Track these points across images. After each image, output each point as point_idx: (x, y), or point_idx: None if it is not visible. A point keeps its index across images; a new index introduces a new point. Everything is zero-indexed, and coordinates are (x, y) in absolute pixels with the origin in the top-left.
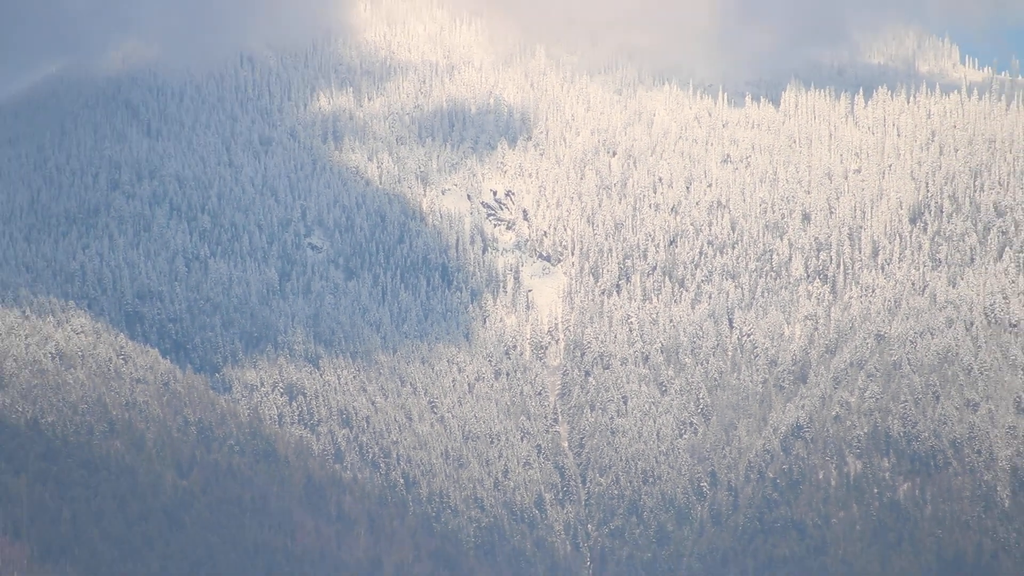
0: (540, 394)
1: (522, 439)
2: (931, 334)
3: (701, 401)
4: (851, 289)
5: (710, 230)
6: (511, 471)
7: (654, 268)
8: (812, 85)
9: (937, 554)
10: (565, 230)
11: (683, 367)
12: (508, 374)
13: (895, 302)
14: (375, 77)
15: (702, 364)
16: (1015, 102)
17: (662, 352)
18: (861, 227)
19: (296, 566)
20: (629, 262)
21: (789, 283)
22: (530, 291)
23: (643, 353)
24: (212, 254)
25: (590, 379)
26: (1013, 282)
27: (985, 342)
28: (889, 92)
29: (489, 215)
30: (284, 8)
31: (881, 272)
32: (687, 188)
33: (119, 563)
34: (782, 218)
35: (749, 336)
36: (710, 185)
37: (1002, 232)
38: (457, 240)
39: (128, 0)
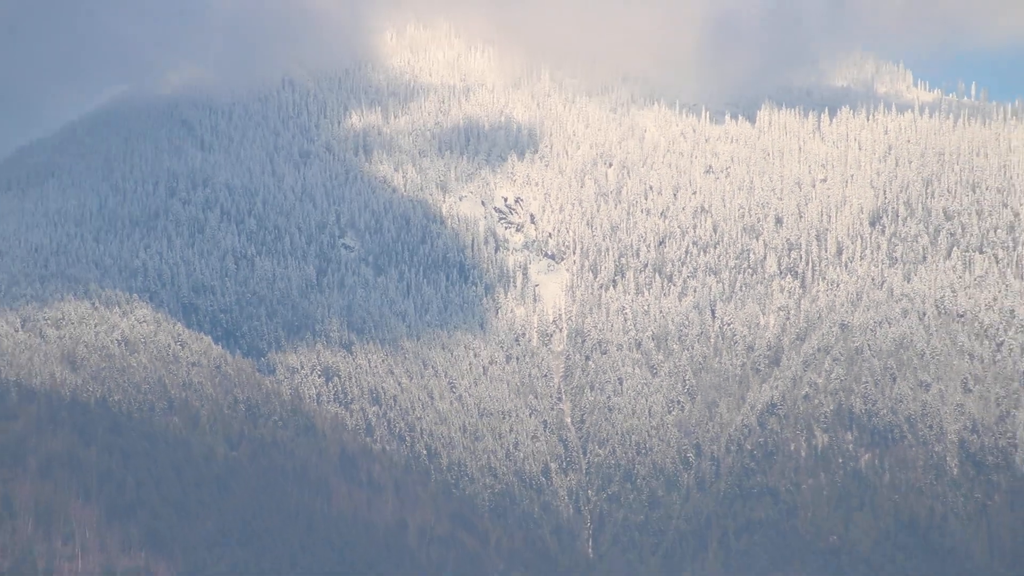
0: (546, 376)
1: (530, 415)
2: (888, 323)
3: (687, 382)
4: (818, 284)
5: (694, 232)
6: (521, 443)
7: (646, 265)
8: (783, 105)
9: (894, 516)
10: (567, 232)
11: (671, 352)
12: (518, 358)
13: (857, 295)
14: (400, 98)
15: (688, 350)
16: (961, 120)
17: (653, 339)
18: (827, 229)
19: (332, 527)
20: (624, 260)
21: (764, 279)
22: (537, 286)
23: (636, 340)
24: (258, 253)
25: (590, 363)
26: (960, 277)
27: (936, 330)
28: (851, 111)
29: (500, 219)
30: (320, 37)
31: (844, 269)
32: (674, 195)
33: (176, 523)
34: (757, 221)
35: (729, 325)
36: (694, 193)
37: (950, 234)
38: (472, 241)
39: (184, 29)
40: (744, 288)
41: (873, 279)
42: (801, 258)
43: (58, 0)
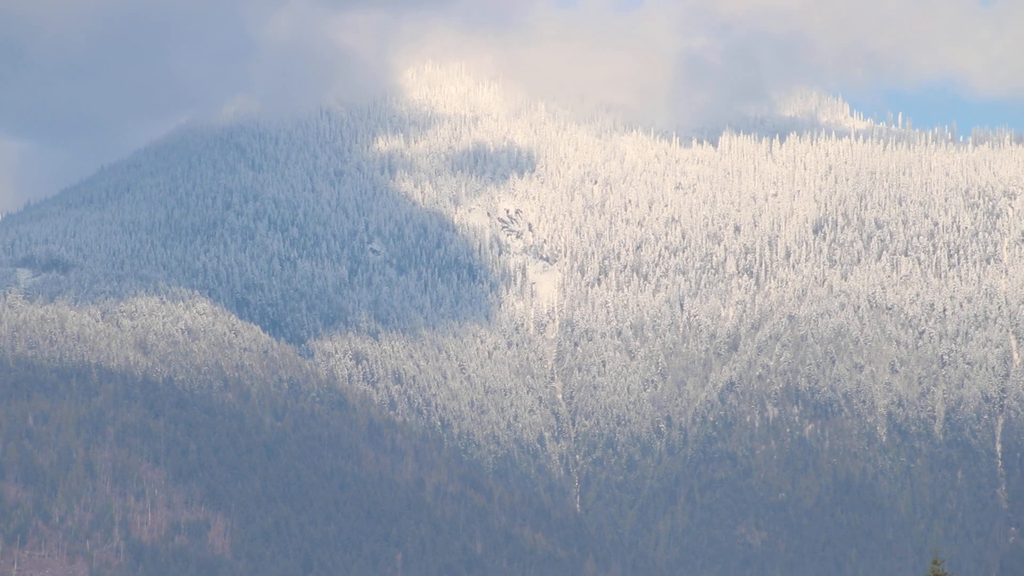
0: (541, 359)
1: (527, 392)
2: (828, 315)
3: (659, 364)
4: (770, 282)
5: (666, 238)
6: (519, 416)
7: (625, 266)
8: (741, 132)
9: (832, 476)
10: (559, 238)
11: (646, 339)
12: (517, 345)
13: (802, 291)
14: (419, 126)
15: (660, 337)
16: (889, 144)
17: (631, 328)
18: (777, 236)
19: (361, 486)
20: (607, 262)
21: (724, 277)
22: (533, 283)
23: (617, 329)
24: (299, 256)
25: (578, 348)
26: (889, 276)
27: (868, 321)
28: (797, 137)
29: (503, 227)
30: (352, 74)
31: (792, 269)
32: (649, 207)
33: (230, 483)
34: (719, 229)
35: (695, 316)
36: (666, 205)
37: (881, 240)
38: (479, 246)
39: (236, 68)
40: (707, 285)
41: (816, 278)
42: (755, 260)
43: (132, 43)
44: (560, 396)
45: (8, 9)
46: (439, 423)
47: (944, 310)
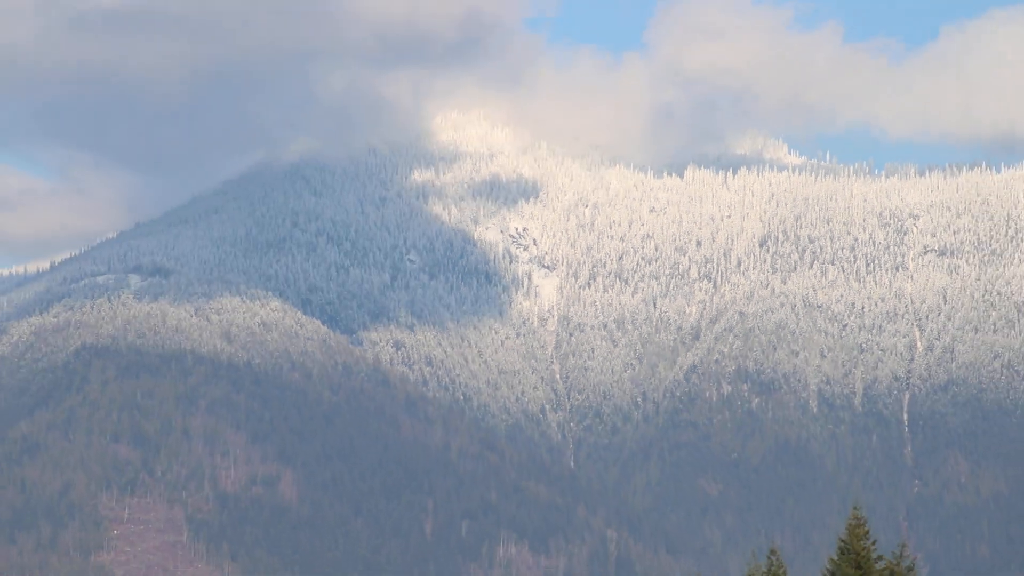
0: (543, 347)
1: (532, 373)
2: (771, 312)
3: (637, 351)
4: (725, 286)
5: (643, 251)
6: (526, 391)
7: (610, 273)
8: (702, 166)
9: (774, 440)
10: (558, 251)
11: (627, 331)
12: (524, 335)
13: (750, 293)
14: (447, 161)
15: (638, 329)
16: (819, 176)
17: (615, 323)
18: (731, 249)
19: (400, 448)
20: (596, 269)
21: (688, 282)
22: (537, 286)
23: (603, 323)
24: (351, 265)
25: (572, 338)
26: (819, 281)
27: (802, 317)
28: (747, 170)
29: (513, 242)
30: (393, 119)
31: (742, 275)
32: (629, 226)
33: (297, 445)
34: (684, 244)
35: (665, 313)
36: (642, 225)
37: (812, 252)
38: (494, 256)
39: (302, 114)
40: (675, 288)
41: (761, 282)
42: (713, 268)
43: (219, 94)
44: (558, 376)
45: (124, 68)
46: (462, 397)
47: (862, 308)
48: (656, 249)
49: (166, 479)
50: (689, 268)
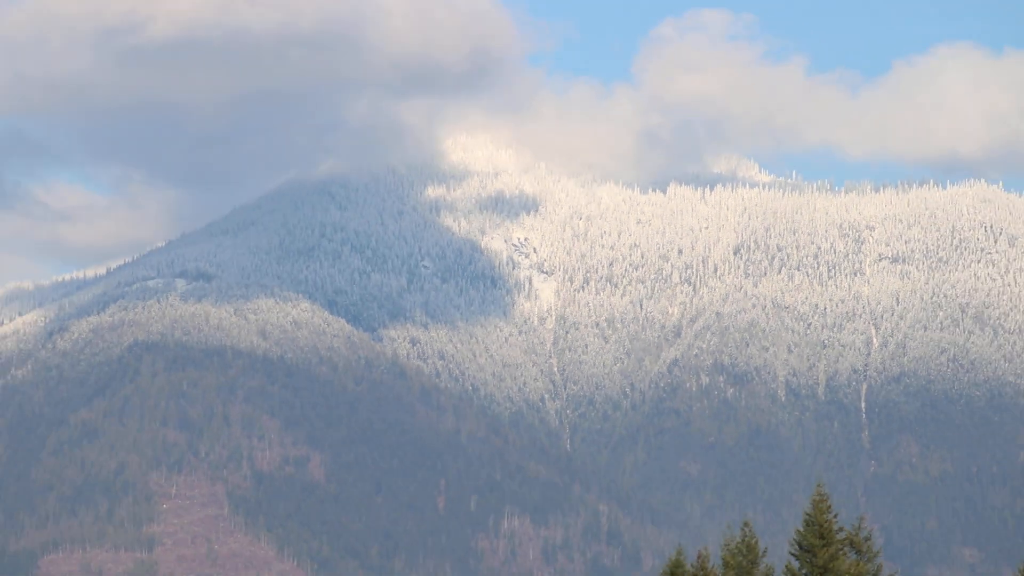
0: (542, 343)
1: (532, 366)
2: (744, 312)
3: (626, 346)
4: (703, 289)
5: (631, 258)
6: (527, 383)
7: (602, 278)
8: (683, 183)
9: (747, 425)
10: (555, 258)
11: (616, 329)
12: (526, 332)
13: (726, 295)
14: (457, 179)
15: (627, 328)
16: (787, 192)
17: (606, 321)
18: (708, 256)
19: (416, 433)
20: (589, 275)
21: (671, 285)
22: (537, 290)
23: (596, 322)
24: (372, 270)
25: (568, 335)
26: (786, 285)
27: (772, 316)
28: (723, 187)
29: (516, 250)
30: (409, 141)
31: (719, 280)
32: (618, 236)
33: (324, 430)
34: (667, 252)
35: (651, 313)
36: (630, 235)
37: (780, 260)
38: (499, 263)
39: (329, 137)
40: (659, 291)
41: (735, 286)
42: (693, 274)
43: (254, 119)
44: (555, 369)
45: (171, 96)
46: (470, 388)
47: (824, 308)
48: (642, 256)
49: (209, 460)
50: (671, 273)
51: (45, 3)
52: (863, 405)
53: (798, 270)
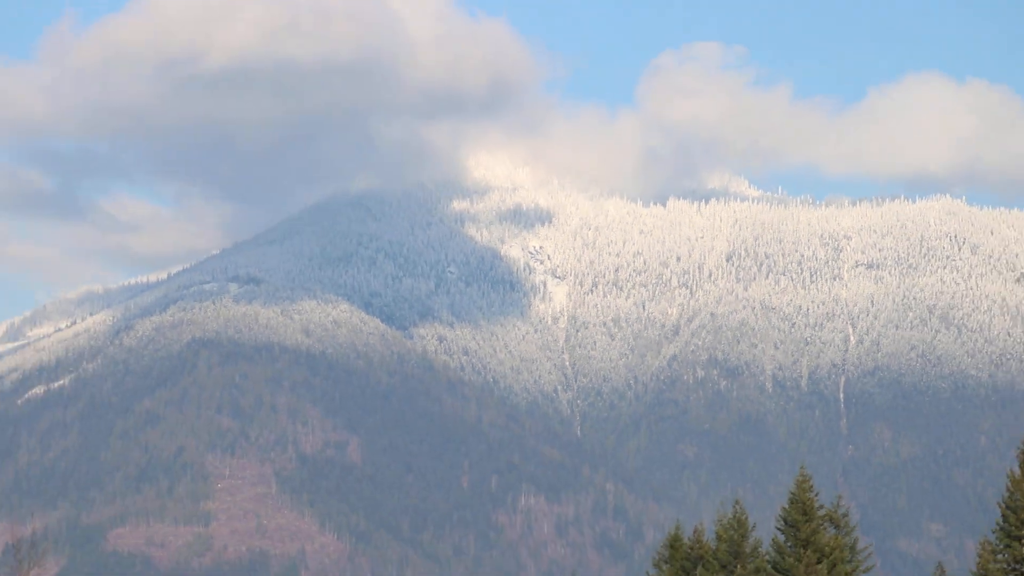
0: (555, 340)
1: (547, 361)
2: (735, 313)
3: (630, 343)
4: (699, 292)
5: (634, 265)
6: (542, 375)
7: (609, 282)
8: (681, 197)
9: (738, 414)
10: (567, 264)
11: (622, 327)
12: (541, 331)
13: (719, 298)
14: (479, 193)
15: (631, 326)
16: (773, 205)
17: (612, 321)
18: (703, 263)
19: (442, 419)
20: (597, 279)
21: (670, 288)
22: (551, 293)
23: (603, 321)
24: (404, 275)
25: (579, 333)
26: (773, 288)
27: (760, 316)
28: (716, 201)
29: (532, 257)
30: (437, 160)
31: (713, 284)
32: (623, 245)
33: (361, 417)
34: (667, 259)
35: (652, 313)
36: (634, 244)
37: (768, 266)
38: (517, 269)
39: (364, 155)
40: (660, 294)
41: (727, 289)
42: (690, 278)
43: (298, 138)
44: (567, 363)
45: (224, 119)
46: (491, 380)
47: (807, 309)
48: (644, 263)
49: (258, 444)
50: (670, 278)
51: (111, 38)
52: (841, 396)
53: (783, 275)
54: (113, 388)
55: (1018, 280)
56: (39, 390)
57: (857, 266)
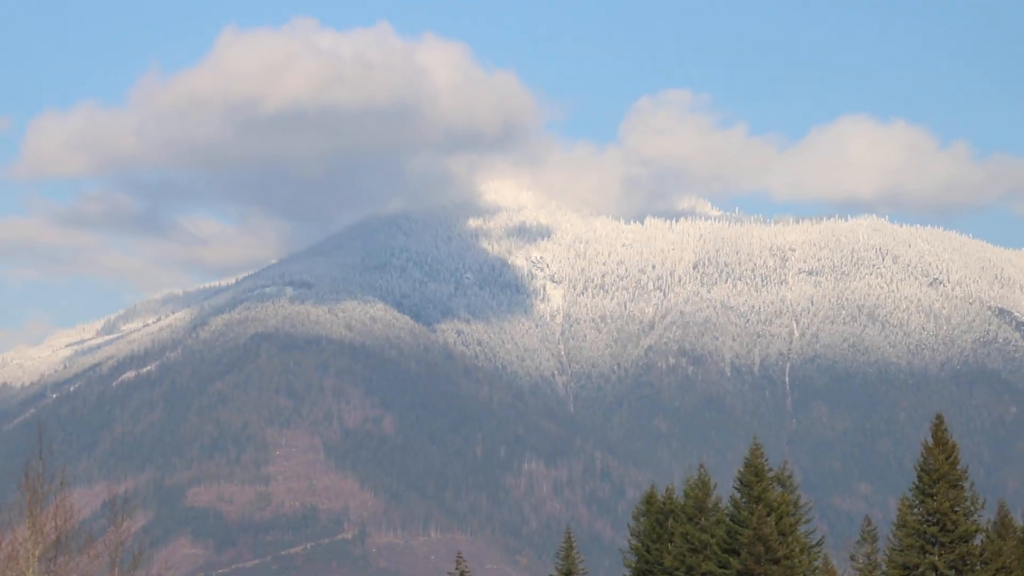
0: (552, 334)
1: (546, 351)
2: (700, 311)
3: (614, 336)
4: (671, 294)
5: (617, 271)
6: (542, 363)
7: (597, 286)
8: (656, 217)
9: (703, 394)
10: (563, 272)
11: (607, 323)
12: (541, 326)
13: (687, 299)
14: (491, 213)
15: (616, 322)
16: (732, 224)
17: (600, 318)
18: (674, 270)
19: (460, 400)
20: (587, 284)
21: (647, 292)
22: (549, 295)
23: (592, 318)
24: (429, 280)
25: (572, 328)
26: (731, 291)
27: (720, 314)
28: (685, 219)
29: (534, 265)
30: (455, 187)
31: (682, 287)
32: (608, 255)
33: (393, 397)
34: (644, 267)
35: (632, 312)
36: (617, 254)
37: (727, 273)
38: (522, 275)
39: (395, 183)
40: (638, 295)
41: (694, 292)
42: (664, 282)
43: (338, 170)
44: (562, 353)
45: (280, 152)
46: (500, 366)
47: (759, 308)
48: (626, 271)
49: (309, 419)
50: (647, 283)
51: (189, 88)
52: (787, 379)
53: (740, 280)
54: (190, 373)
55: (931, 284)
56: (130, 375)
57: (800, 273)
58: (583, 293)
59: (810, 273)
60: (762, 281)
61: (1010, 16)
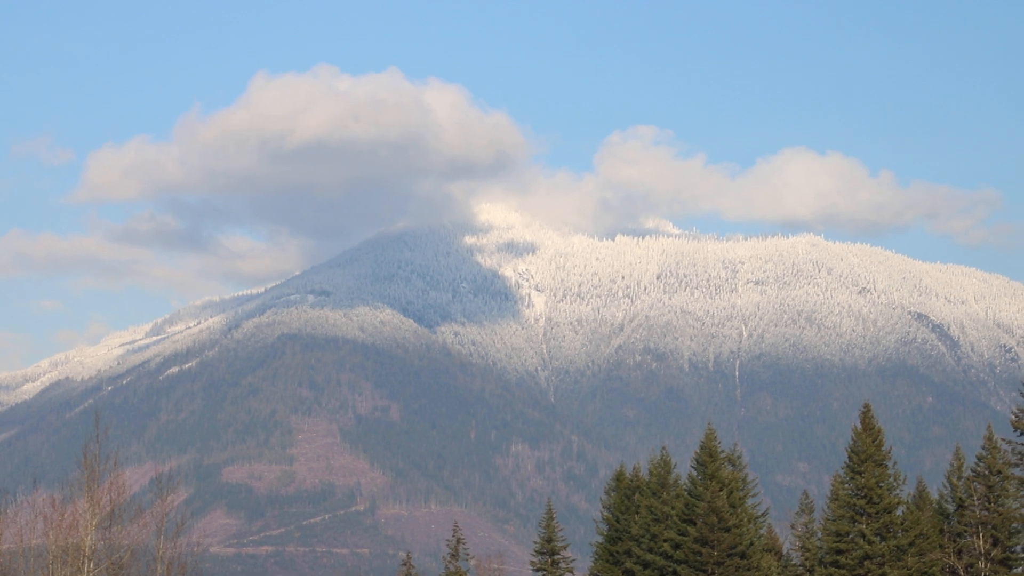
0: (537, 335)
1: (530, 349)
2: (662, 315)
3: (589, 336)
4: (637, 300)
5: (592, 281)
6: (527, 360)
7: (575, 294)
8: (626, 235)
9: (665, 386)
10: (545, 282)
11: (584, 326)
12: (526, 328)
13: (651, 305)
14: (484, 231)
15: (590, 325)
16: (691, 240)
17: (577, 321)
18: (640, 279)
19: (457, 391)
20: (566, 292)
21: (617, 298)
22: (534, 301)
23: (570, 321)
24: (431, 289)
25: (553, 330)
26: (690, 298)
27: (680, 317)
28: (650, 237)
29: (520, 277)
30: (454, 209)
31: (647, 295)
32: (584, 267)
33: (399, 388)
34: (615, 277)
35: (604, 316)
36: (592, 267)
37: (686, 283)
38: (510, 285)
39: (403, 205)
40: (610, 302)
41: (657, 299)
42: (632, 290)
43: (355, 193)
44: (545, 351)
45: (305, 179)
46: (492, 363)
47: (713, 313)
48: (599, 281)
49: (327, 408)
50: (617, 291)
51: (225, 123)
52: (737, 374)
53: (697, 288)
54: (226, 368)
55: (860, 293)
56: (174, 370)
57: (748, 283)
58: (563, 300)
59: (757, 283)
60: (716, 290)
61: (932, 64)
